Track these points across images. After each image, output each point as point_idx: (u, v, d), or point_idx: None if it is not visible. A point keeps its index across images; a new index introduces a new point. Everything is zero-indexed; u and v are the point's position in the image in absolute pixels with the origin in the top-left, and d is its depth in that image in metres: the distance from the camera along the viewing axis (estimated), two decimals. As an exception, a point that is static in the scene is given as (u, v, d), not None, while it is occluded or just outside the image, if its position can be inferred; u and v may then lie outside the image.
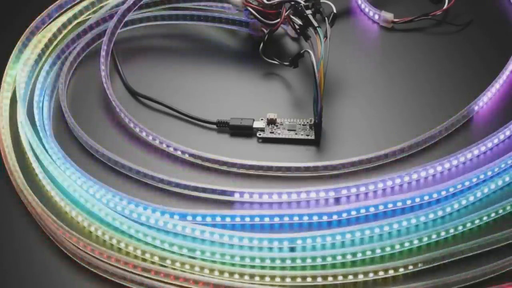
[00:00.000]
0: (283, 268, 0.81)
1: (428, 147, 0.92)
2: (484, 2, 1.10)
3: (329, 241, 0.83)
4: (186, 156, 0.92)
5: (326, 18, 0.95)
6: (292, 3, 0.97)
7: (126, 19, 1.03)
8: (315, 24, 0.93)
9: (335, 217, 0.85)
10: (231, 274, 0.80)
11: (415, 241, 0.82)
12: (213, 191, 0.87)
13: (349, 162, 0.89)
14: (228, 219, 0.85)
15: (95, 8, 1.08)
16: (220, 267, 0.81)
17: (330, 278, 0.80)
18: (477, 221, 0.84)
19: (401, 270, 0.80)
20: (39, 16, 1.05)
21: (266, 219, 0.85)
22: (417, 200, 0.86)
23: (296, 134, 0.94)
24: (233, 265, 0.81)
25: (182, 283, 0.80)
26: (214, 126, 0.95)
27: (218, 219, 0.85)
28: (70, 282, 0.82)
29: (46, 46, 1.03)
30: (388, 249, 0.82)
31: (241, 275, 0.80)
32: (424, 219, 0.85)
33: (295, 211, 0.85)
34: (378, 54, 1.05)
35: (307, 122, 0.94)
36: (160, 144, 0.93)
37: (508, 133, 0.92)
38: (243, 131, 0.94)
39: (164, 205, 0.86)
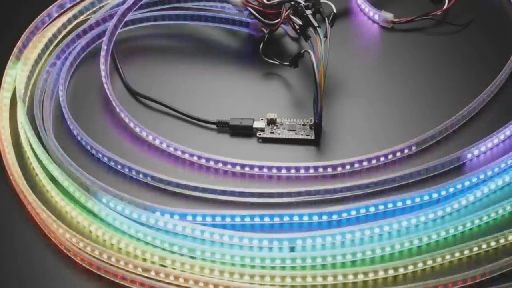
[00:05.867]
0: (283, 268, 0.81)
1: (428, 147, 0.92)
2: (484, 2, 1.10)
3: (329, 241, 0.83)
4: (186, 156, 0.92)
5: (326, 18, 0.95)
6: (292, 3, 0.97)
7: (126, 19, 1.03)
8: (315, 24, 0.93)
9: (335, 217, 0.85)
10: (231, 274, 0.80)
11: (415, 241, 0.82)
12: (213, 191, 0.87)
13: (349, 162, 0.89)
14: (228, 219, 0.85)
15: (95, 8, 1.08)
16: (220, 267, 0.81)
17: (330, 278, 0.80)
18: (477, 221, 0.84)
19: (401, 270, 0.80)
20: (39, 16, 1.05)
21: (266, 219, 0.85)
22: (417, 200, 0.86)
23: (296, 134, 0.94)
24: (233, 265, 0.82)
25: (182, 283, 0.80)
26: (214, 126, 0.95)
27: (218, 219, 0.85)
28: (70, 282, 0.82)
29: (46, 46, 1.03)
30: (388, 249, 0.82)
31: (241, 275, 0.80)
32: (424, 219, 0.85)
33: (295, 211, 0.85)
34: (378, 54, 1.05)
35: (307, 122, 0.94)
36: (160, 144, 0.93)
37: (508, 133, 0.92)
38: (243, 131, 0.94)
39: (164, 205, 0.86)
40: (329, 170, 0.90)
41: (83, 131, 0.93)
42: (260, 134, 0.94)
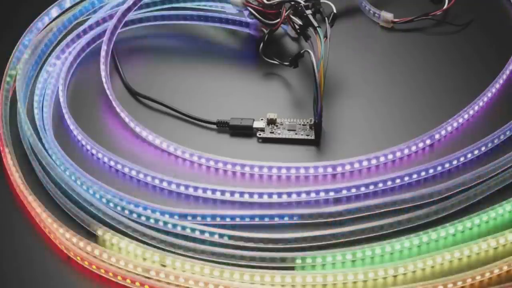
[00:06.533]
0: (283, 268, 0.81)
1: (429, 147, 0.92)
2: (484, 2, 1.10)
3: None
4: (186, 156, 0.92)
5: (326, 18, 0.95)
6: (292, 3, 0.97)
7: (126, 19, 1.03)
8: (315, 24, 0.93)
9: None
10: (231, 274, 0.80)
11: (415, 241, 0.82)
12: (213, 192, 0.87)
13: (349, 162, 0.89)
14: (228, 219, 0.85)
15: (95, 8, 1.08)
16: (220, 267, 0.81)
17: (330, 278, 0.80)
18: (477, 221, 0.84)
19: (401, 270, 0.80)
20: (39, 16, 1.05)
21: (266, 219, 0.85)
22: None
23: (296, 134, 0.94)
24: (233, 265, 0.81)
25: (182, 283, 0.80)
26: (214, 126, 0.95)
27: (218, 219, 0.85)
28: (70, 282, 0.82)
29: (46, 46, 1.03)
30: (388, 249, 0.82)
31: (241, 275, 0.80)
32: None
33: (295, 211, 0.85)
34: (378, 54, 1.05)
35: (307, 122, 0.94)
36: (160, 144, 0.93)
37: (508, 133, 0.92)
38: (243, 131, 0.94)
39: (164, 205, 0.86)
40: (329, 170, 0.90)
41: (83, 131, 0.93)
42: (260, 134, 0.94)
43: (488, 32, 1.06)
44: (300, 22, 0.96)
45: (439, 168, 0.89)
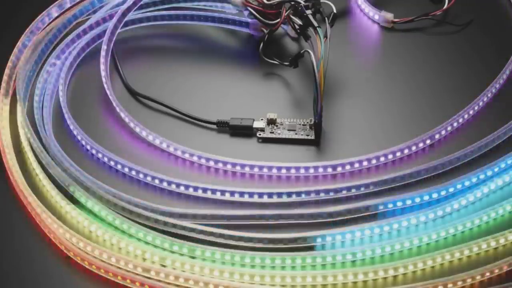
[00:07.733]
0: (283, 268, 0.81)
1: (428, 147, 0.92)
2: (484, 2, 1.10)
3: (329, 241, 0.83)
4: (186, 156, 0.92)
5: (326, 18, 0.95)
6: (292, 3, 0.97)
7: (126, 19, 1.03)
8: (315, 24, 0.93)
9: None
10: (231, 274, 0.80)
11: (415, 241, 0.82)
12: (213, 191, 0.87)
13: (349, 162, 0.89)
14: (228, 219, 0.85)
15: (95, 8, 1.08)
16: (220, 267, 0.81)
17: (330, 278, 0.80)
18: (477, 221, 0.84)
19: (401, 270, 0.80)
20: (39, 16, 1.05)
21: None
22: (417, 200, 0.86)
23: (296, 134, 0.94)
24: (233, 265, 0.81)
25: (182, 283, 0.80)
26: (214, 126, 0.95)
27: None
28: (70, 282, 0.82)
29: (46, 46, 1.03)
30: (388, 249, 0.82)
31: (241, 275, 0.80)
32: (424, 219, 0.85)
33: (295, 211, 0.85)
34: (378, 54, 1.05)
35: (307, 122, 0.94)
36: (160, 144, 0.93)
37: (508, 133, 0.92)
38: (243, 131, 0.94)
39: (164, 205, 0.86)
40: (329, 170, 0.90)
41: (83, 131, 0.93)
42: (260, 134, 0.94)
43: (488, 32, 1.06)
44: (300, 22, 0.96)
45: (439, 168, 0.89)
